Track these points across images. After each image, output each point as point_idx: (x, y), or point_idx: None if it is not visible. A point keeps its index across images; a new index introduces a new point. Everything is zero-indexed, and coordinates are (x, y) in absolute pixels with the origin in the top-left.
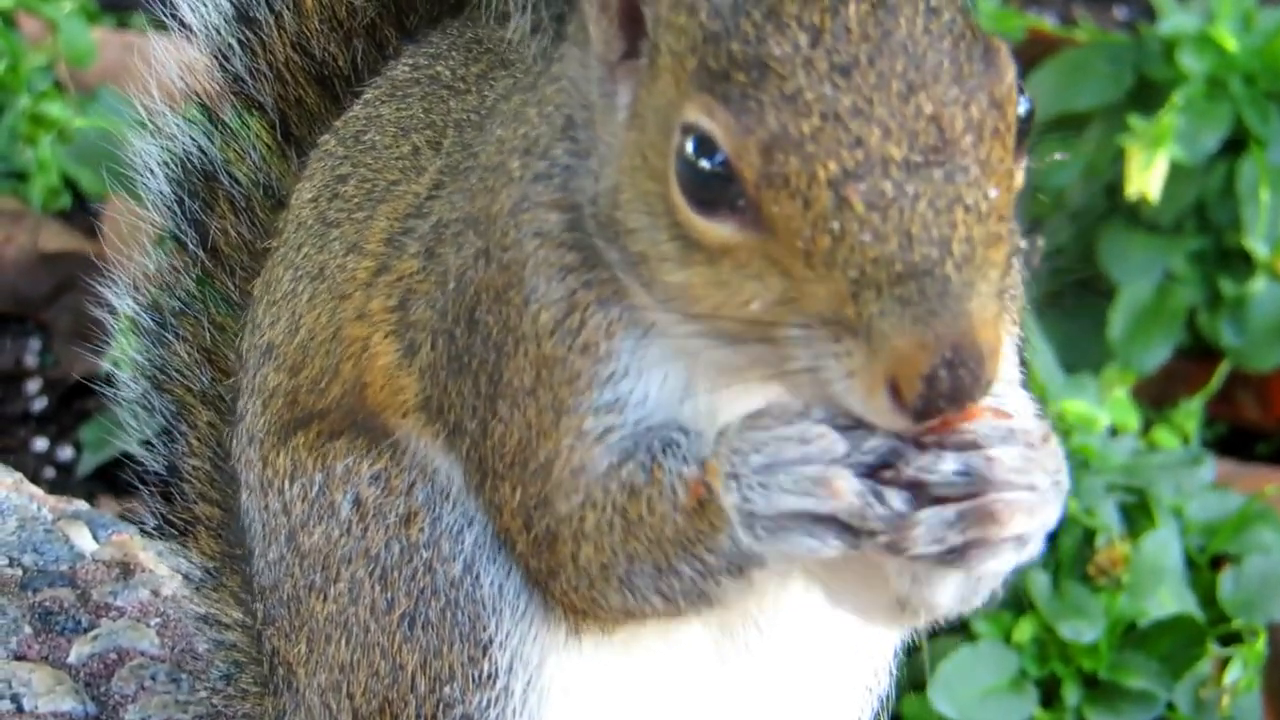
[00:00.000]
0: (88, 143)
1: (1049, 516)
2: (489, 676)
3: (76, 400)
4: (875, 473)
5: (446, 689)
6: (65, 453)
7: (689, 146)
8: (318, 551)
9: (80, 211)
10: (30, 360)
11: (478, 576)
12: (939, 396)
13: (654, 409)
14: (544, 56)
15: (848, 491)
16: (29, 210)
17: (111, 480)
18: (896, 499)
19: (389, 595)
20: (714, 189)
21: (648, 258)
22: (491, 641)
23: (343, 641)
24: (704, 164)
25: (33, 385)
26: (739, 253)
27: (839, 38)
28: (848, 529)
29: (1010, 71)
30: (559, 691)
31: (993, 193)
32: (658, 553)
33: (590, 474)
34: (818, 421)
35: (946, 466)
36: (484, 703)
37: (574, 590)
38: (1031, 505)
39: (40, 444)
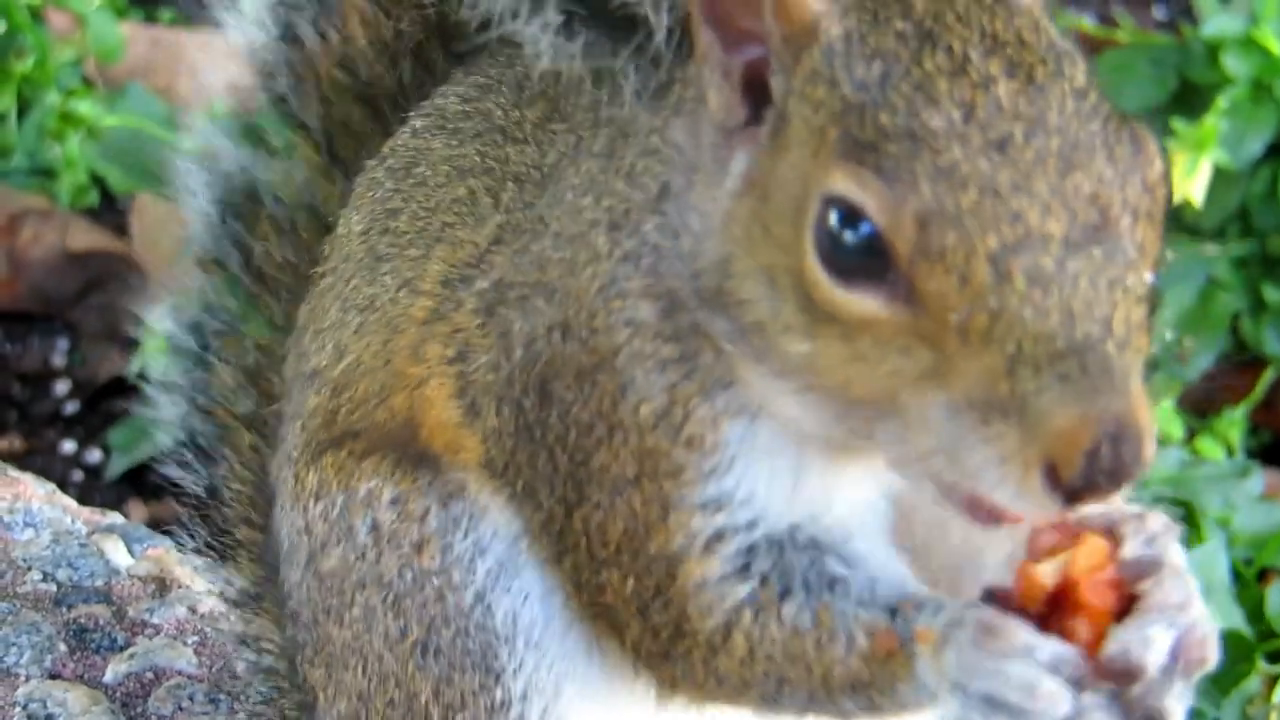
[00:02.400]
0: (116, 140)
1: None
2: (503, 705)
3: (104, 401)
4: None
5: (459, 717)
6: (93, 455)
7: (832, 218)
8: (335, 575)
9: (108, 209)
10: (58, 360)
11: (489, 606)
12: (1100, 473)
13: (765, 508)
14: (635, 123)
15: None
16: (56, 208)
17: (141, 483)
18: None
19: (401, 623)
20: (858, 262)
21: (765, 328)
22: (504, 670)
23: (359, 669)
24: (848, 236)
25: (61, 386)
26: (882, 327)
27: (992, 113)
28: None
29: (1159, 158)
30: None
31: (1147, 277)
32: (818, 686)
33: (725, 597)
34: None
35: (1163, 642)
36: None
37: (695, 685)
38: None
39: (68, 446)
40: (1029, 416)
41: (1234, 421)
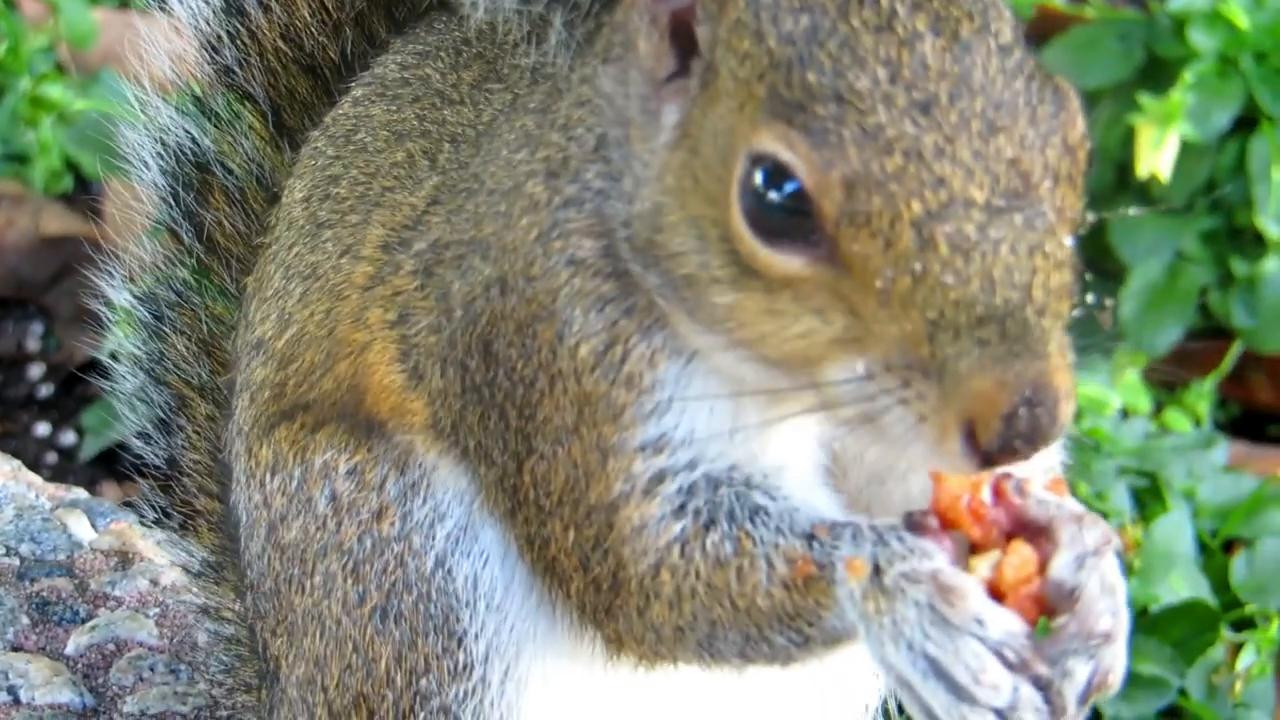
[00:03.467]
0: (89, 125)
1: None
2: (465, 667)
3: (78, 385)
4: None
5: (422, 681)
6: (67, 437)
7: (758, 177)
8: (295, 545)
9: (82, 194)
10: (32, 344)
11: (450, 570)
12: (1016, 436)
13: (704, 448)
14: (567, 76)
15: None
16: (30, 193)
17: (114, 465)
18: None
19: (360, 589)
20: (782, 220)
21: (694, 281)
22: (466, 633)
23: (317, 635)
24: (773, 195)
25: (35, 370)
26: (803, 286)
27: (918, 73)
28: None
29: (1080, 116)
30: (538, 681)
31: (1066, 241)
32: (746, 621)
33: (659, 535)
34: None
35: (1081, 675)
36: (461, 694)
37: (636, 640)
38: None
39: (42, 429)
40: (948, 380)
41: (1202, 394)
